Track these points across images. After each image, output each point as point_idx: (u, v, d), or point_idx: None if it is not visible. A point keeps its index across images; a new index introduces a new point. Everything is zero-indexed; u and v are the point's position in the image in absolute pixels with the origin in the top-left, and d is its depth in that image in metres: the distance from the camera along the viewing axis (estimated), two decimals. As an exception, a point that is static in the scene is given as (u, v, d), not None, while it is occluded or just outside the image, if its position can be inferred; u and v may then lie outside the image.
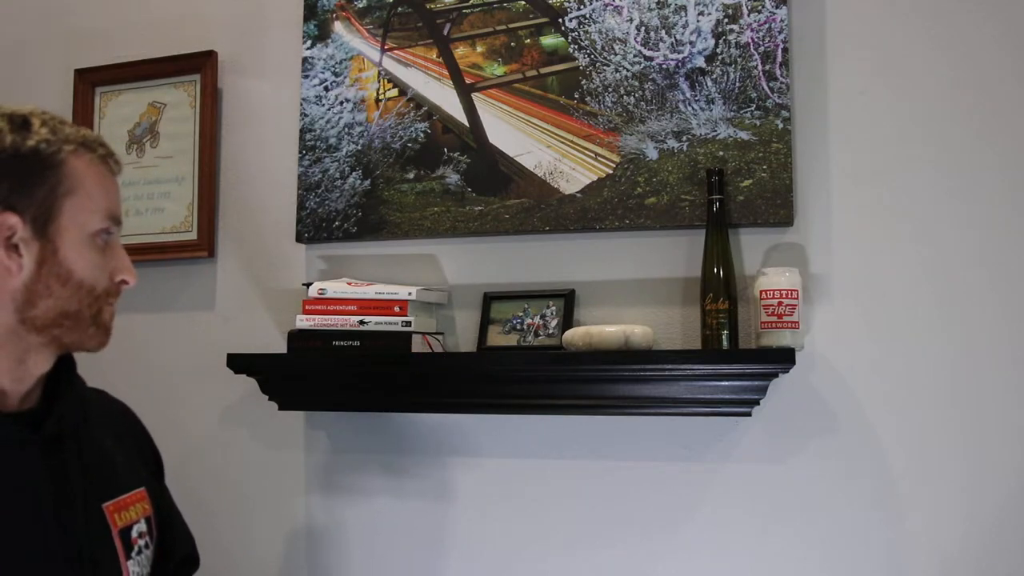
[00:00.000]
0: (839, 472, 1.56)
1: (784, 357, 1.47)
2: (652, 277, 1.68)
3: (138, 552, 1.10)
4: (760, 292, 1.53)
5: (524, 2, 1.76)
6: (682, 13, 1.65)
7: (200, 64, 1.99)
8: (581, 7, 1.71)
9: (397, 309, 1.69)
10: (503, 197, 1.74)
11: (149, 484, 1.19)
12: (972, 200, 1.54)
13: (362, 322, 1.70)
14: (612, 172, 1.67)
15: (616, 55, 1.68)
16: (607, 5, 1.70)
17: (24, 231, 1.00)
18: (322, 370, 1.75)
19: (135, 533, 1.11)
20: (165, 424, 1.44)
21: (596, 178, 1.68)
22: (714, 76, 1.63)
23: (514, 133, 1.74)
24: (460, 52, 1.79)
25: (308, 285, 1.76)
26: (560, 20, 1.72)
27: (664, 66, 1.66)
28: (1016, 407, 1.50)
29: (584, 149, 1.69)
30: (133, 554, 1.09)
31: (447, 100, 1.79)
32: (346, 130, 1.85)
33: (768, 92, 1.60)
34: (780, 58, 1.60)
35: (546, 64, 1.73)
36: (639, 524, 1.65)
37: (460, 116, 1.78)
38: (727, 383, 1.54)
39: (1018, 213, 1.52)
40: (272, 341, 1.89)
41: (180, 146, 1.99)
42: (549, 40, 1.73)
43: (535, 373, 1.61)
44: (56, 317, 1.03)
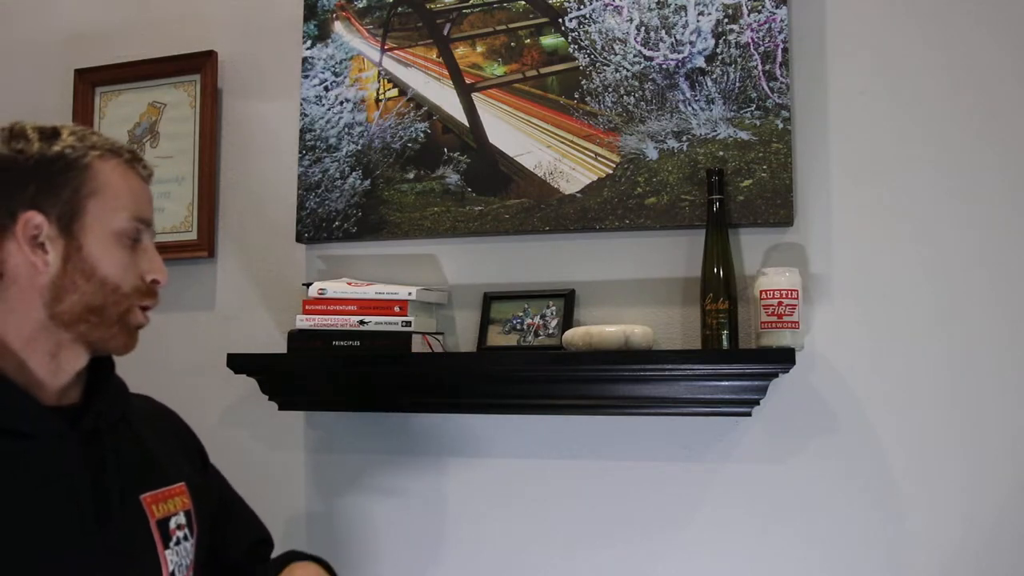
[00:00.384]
0: (839, 472, 1.56)
1: (784, 357, 1.47)
2: (652, 277, 1.68)
3: (176, 543, 1.15)
4: (760, 292, 1.53)
5: (524, 2, 1.76)
6: (682, 13, 1.65)
7: (200, 64, 1.99)
8: (581, 7, 1.71)
9: (397, 309, 1.69)
10: (503, 197, 1.74)
11: (191, 480, 1.23)
12: (972, 200, 1.54)
13: (362, 322, 1.70)
14: (612, 172, 1.67)
15: (616, 55, 1.68)
16: (607, 5, 1.70)
17: (50, 230, 1.05)
18: (322, 370, 1.74)
19: (173, 524, 1.15)
20: (165, 424, 1.44)
21: (596, 178, 1.68)
22: (714, 76, 1.63)
23: (514, 133, 1.74)
24: (460, 52, 1.79)
25: (308, 285, 1.76)
26: (560, 20, 1.72)
27: (664, 66, 1.66)
28: (1016, 407, 1.50)
29: (584, 149, 1.69)
30: (171, 544, 1.14)
31: (447, 100, 1.79)
32: (346, 130, 1.85)
33: (768, 92, 1.60)
34: (780, 58, 1.60)
35: (546, 64, 1.73)
36: (639, 524, 1.65)
37: (460, 116, 1.78)
38: (727, 383, 1.54)
39: (1018, 213, 1.52)
40: (272, 341, 1.89)
41: (180, 146, 1.99)
42: (549, 40, 1.73)
43: (535, 373, 1.61)
44: (82, 312, 1.07)
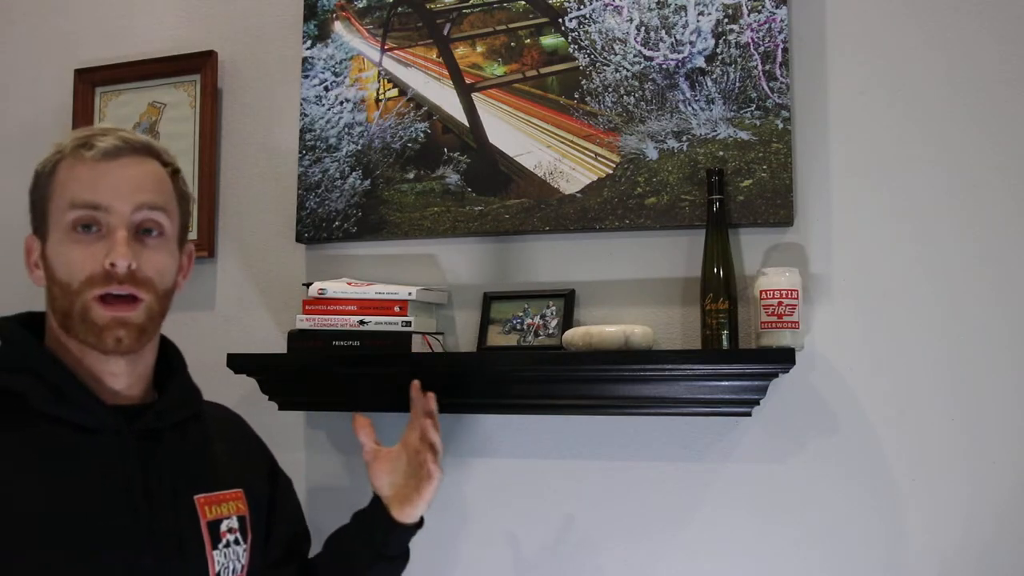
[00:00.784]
0: (839, 472, 1.56)
1: (784, 357, 1.47)
2: (652, 277, 1.68)
3: (226, 545, 1.16)
4: (760, 292, 1.53)
5: (524, 2, 1.76)
6: (682, 13, 1.65)
7: (200, 64, 1.99)
8: (581, 7, 1.71)
9: (397, 309, 1.69)
10: (503, 197, 1.74)
11: (252, 489, 1.25)
12: (972, 200, 1.54)
13: (362, 322, 1.70)
14: (612, 172, 1.67)
15: (616, 55, 1.68)
16: (607, 5, 1.70)
17: (39, 247, 1.12)
18: (322, 370, 1.74)
19: (224, 527, 1.17)
20: (165, 424, 1.44)
21: (596, 178, 1.68)
22: (714, 76, 1.63)
23: (514, 133, 1.74)
24: (460, 52, 1.79)
25: (308, 285, 1.76)
26: (560, 20, 1.72)
27: (664, 66, 1.66)
28: (1016, 407, 1.50)
29: (584, 149, 1.69)
30: (220, 546, 1.16)
31: (447, 100, 1.79)
32: (346, 130, 1.85)
33: (768, 92, 1.60)
34: (780, 58, 1.60)
35: (546, 64, 1.73)
36: (639, 524, 1.65)
37: (460, 116, 1.78)
38: (727, 383, 1.54)
39: (1018, 213, 1.52)
40: (272, 341, 1.89)
41: (180, 146, 1.99)
42: (549, 40, 1.73)
43: (535, 373, 1.61)
44: (61, 319, 1.10)
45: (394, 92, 1.83)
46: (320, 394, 1.78)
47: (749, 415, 1.57)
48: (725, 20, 1.63)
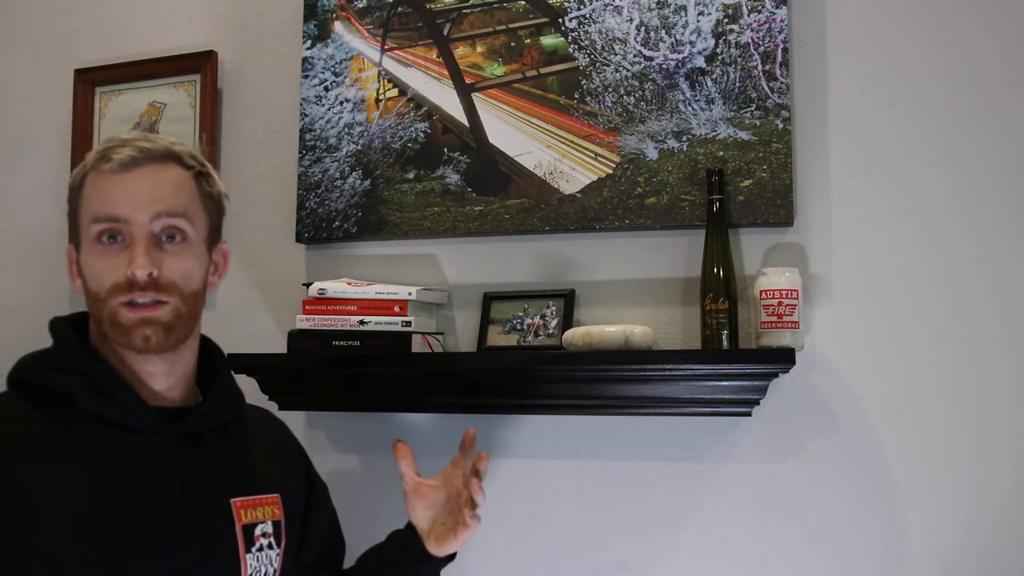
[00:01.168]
0: (839, 472, 1.56)
1: (784, 357, 1.47)
2: (652, 277, 1.68)
3: (259, 549, 1.18)
4: (760, 292, 1.53)
5: (524, 2, 1.76)
6: (682, 13, 1.65)
7: (200, 64, 1.99)
8: (581, 7, 1.71)
9: (397, 309, 1.69)
10: (503, 197, 1.74)
11: (289, 494, 1.26)
12: (972, 200, 1.54)
13: (362, 322, 1.70)
14: (612, 172, 1.67)
15: (616, 55, 1.68)
16: (607, 5, 1.70)
17: (76, 258, 1.16)
18: (322, 370, 1.74)
19: (259, 531, 1.18)
20: (165, 424, 1.44)
21: (596, 178, 1.68)
22: (714, 76, 1.63)
23: (514, 133, 1.74)
24: (460, 52, 1.79)
25: (308, 285, 1.76)
26: (560, 20, 1.72)
27: (664, 66, 1.66)
28: (1016, 407, 1.50)
29: (584, 149, 1.69)
30: (254, 550, 1.17)
31: (447, 100, 1.79)
32: (346, 130, 1.85)
33: (768, 92, 1.60)
34: (780, 58, 1.60)
35: (546, 64, 1.73)
36: (639, 524, 1.65)
37: (460, 116, 1.78)
38: (727, 383, 1.54)
39: (1018, 213, 1.52)
40: (272, 341, 1.89)
41: (180, 146, 1.99)
42: (549, 40, 1.73)
43: (535, 373, 1.61)
44: (97, 324, 1.14)
45: (394, 92, 1.83)
46: (320, 394, 1.78)
47: (749, 415, 1.57)
48: (725, 20, 1.63)
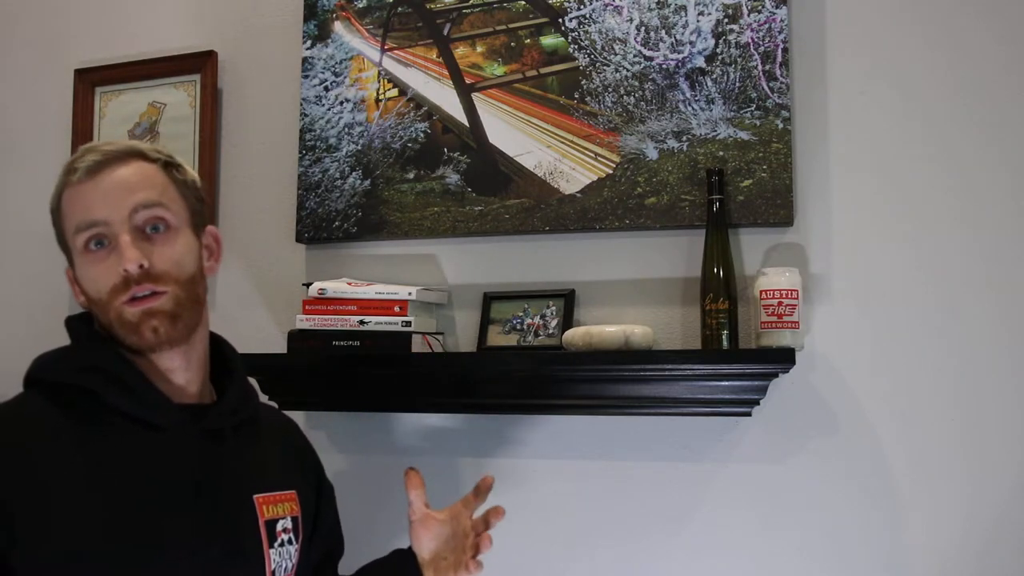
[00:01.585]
0: (839, 472, 1.56)
1: (784, 357, 1.47)
2: (652, 277, 1.68)
3: (281, 544, 1.20)
4: (760, 292, 1.53)
5: (524, 2, 1.76)
6: (682, 13, 1.65)
7: (200, 64, 1.99)
8: (581, 7, 1.71)
9: (397, 309, 1.69)
10: (503, 197, 1.74)
11: (303, 491, 1.28)
12: (972, 200, 1.54)
13: (362, 322, 1.70)
14: (612, 172, 1.67)
15: (616, 55, 1.68)
16: (607, 5, 1.70)
17: (72, 275, 1.17)
18: (322, 370, 1.74)
19: (280, 527, 1.20)
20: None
21: (596, 178, 1.68)
22: (714, 76, 1.63)
23: (514, 133, 1.74)
24: (460, 52, 1.79)
25: (308, 285, 1.76)
26: (560, 20, 1.72)
27: (664, 66, 1.66)
28: (1016, 407, 1.50)
29: (584, 149, 1.69)
30: (276, 545, 1.19)
31: (447, 100, 1.79)
32: (346, 130, 1.85)
33: (768, 92, 1.60)
34: (780, 58, 1.60)
35: (546, 64, 1.73)
36: (639, 524, 1.65)
37: (460, 116, 1.78)
38: (727, 383, 1.54)
39: (1019, 213, 1.52)
40: (272, 341, 1.89)
41: (180, 146, 1.99)
42: (549, 40, 1.73)
43: (535, 373, 1.61)
44: (107, 330, 1.14)
45: (394, 92, 1.83)
46: (320, 394, 1.78)
47: (749, 415, 1.57)
48: (725, 20, 1.63)
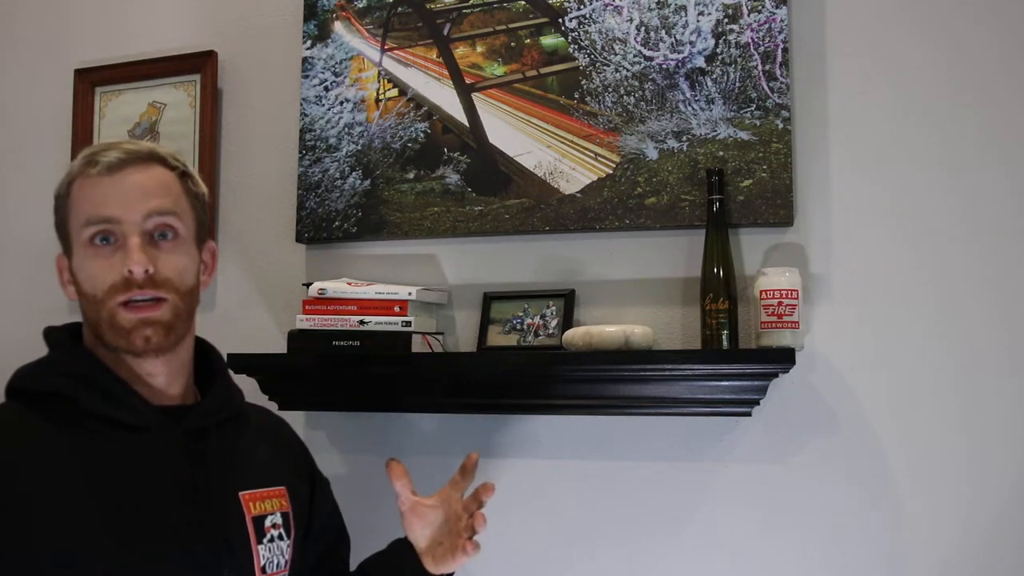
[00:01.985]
0: (839, 472, 1.56)
1: (784, 357, 1.47)
2: (652, 277, 1.68)
3: (270, 540, 1.20)
4: (760, 292, 1.53)
5: (524, 2, 1.76)
6: (682, 13, 1.65)
7: (200, 64, 1.99)
8: (581, 7, 1.71)
9: (397, 309, 1.69)
10: (503, 197, 1.74)
11: (295, 487, 1.29)
12: (972, 200, 1.54)
13: (362, 322, 1.70)
14: (612, 172, 1.67)
15: (616, 55, 1.68)
16: (607, 5, 1.70)
17: (67, 265, 1.17)
18: (322, 370, 1.74)
19: (268, 523, 1.21)
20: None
21: (596, 178, 1.68)
22: (714, 76, 1.63)
23: (514, 133, 1.74)
24: (460, 52, 1.79)
25: (308, 285, 1.76)
26: (560, 20, 1.72)
27: (664, 66, 1.66)
28: (1016, 407, 1.50)
29: (584, 149, 1.69)
30: (265, 540, 1.19)
31: (447, 100, 1.79)
32: (346, 130, 1.85)
33: (768, 92, 1.60)
34: (780, 58, 1.60)
35: (546, 64, 1.73)
36: (639, 524, 1.65)
37: (460, 116, 1.78)
38: (727, 383, 1.54)
39: (1019, 213, 1.52)
40: (272, 341, 1.89)
41: (180, 146, 1.99)
42: (549, 40, 1.73)
43: (535, 373, 1.61)
44: (93, 328, 1.14)
45: (394, 92, 1.83)
46: (320, 394, 1.78)
47: (749, 415, 1.57)
48: (725, 20, 1.63)
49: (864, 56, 1.61)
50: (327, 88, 1.87)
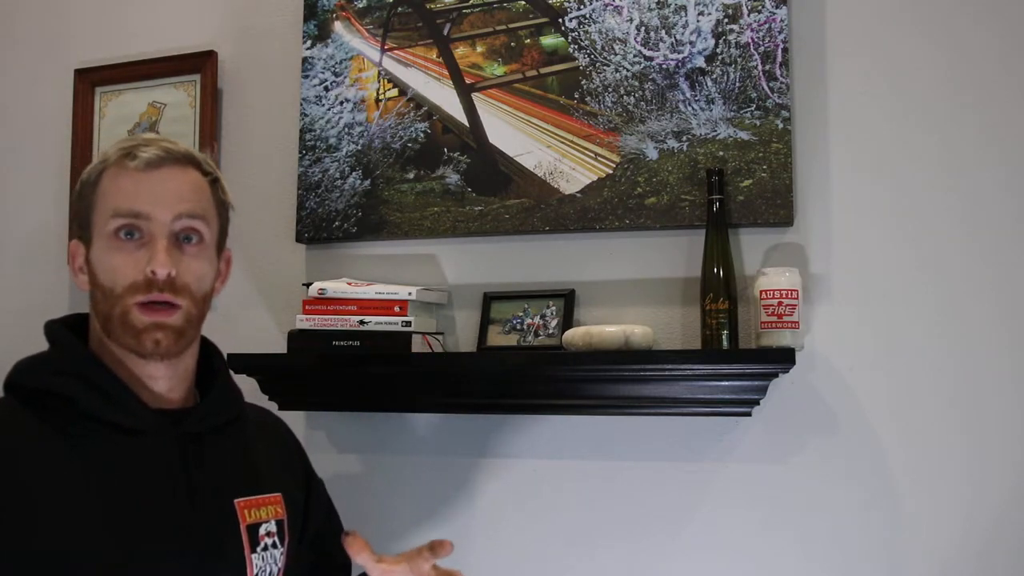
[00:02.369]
0: (839, 472, 1.56)
1: (784, 357, 1.47)
2: (652, 277, 1.68)
3: (264, 548, 1.19)
4: (760, 292, 1.53)
5: (524, 2, 1.76)
6: (682, 13, 1.65)
7: (200, 64, 1.99)
8: (581, 7, 1.71)
9: (397, 309, 1.69)
10: (503, 197, 1.74)
11: (290, 492, 1.27)
12: (972, 200, 1.54)
13: (362, 322, 1.70)
14: (612, 172, 1.67)
15: (616, 55, 1.68)
16: (607, 5, 1.70)
17: (84, 253, 1.15)
18: (322, 370, 1.74)
19: (263, 531, 1.19)
20: (165, 424, 1.44)
21: (596, 178, 1.68)
22: (714, 76, 1.63)
23: (514, 133, 1.74)
24: (460, 52, 1.79)
25: (308, 285, 1.76)
26: (560, 20, 1.72)
27: (664, 66, 1.66)
28: (1016, 407, 1.50)
29: (584, 149, 1.69)
30: (259, 549, 1.18)
31: (447, 100, 1.79)
32: (346, 130, 1.85)
33: (768, 92, 1.60)
34: (780, 58, 1.60)
35: (546, 64, 1.73)
36: (639, 524, 1.65)
37: (460, 116, 1.78)
38: (727, 383, 1.54)
39: (1019, 213, 1.52)
40: (272, 341, 1.89)
41: (180, 146, 1.99)
42: (549, 40, 1.73)
43: (535, 373, 1.61)
44: (103, 322, 1.13)
45: (394, 92, 1.83)
46: (320, 394, 1.78)
47: (749, 415, 1.57)
48: (725, 20, 1.63)
49: (864, 56, 1.61)
50: (327, 88, 1.87)
